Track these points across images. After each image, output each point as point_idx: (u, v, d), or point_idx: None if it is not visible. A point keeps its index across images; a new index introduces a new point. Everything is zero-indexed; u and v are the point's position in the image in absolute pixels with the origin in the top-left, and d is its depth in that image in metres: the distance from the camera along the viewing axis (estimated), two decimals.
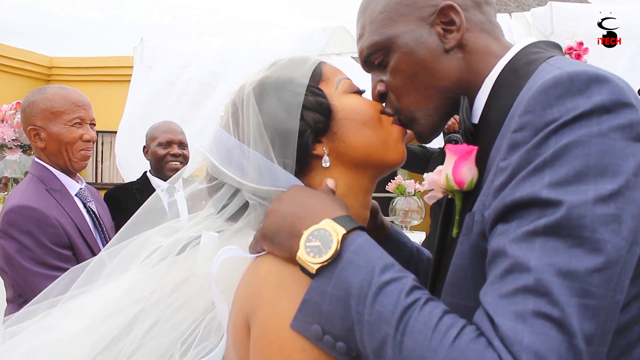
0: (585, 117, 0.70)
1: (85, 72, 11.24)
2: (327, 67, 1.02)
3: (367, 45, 0.99)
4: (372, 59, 1.00)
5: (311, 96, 0.95)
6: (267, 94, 0.95)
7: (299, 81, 0.96)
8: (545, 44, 0.94)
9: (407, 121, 0.99)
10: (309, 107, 0.94)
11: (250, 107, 0.94)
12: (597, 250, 0.66)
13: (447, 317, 0.70)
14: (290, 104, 0.94)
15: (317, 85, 0.97)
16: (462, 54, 0.95)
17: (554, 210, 0.67)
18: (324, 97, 0.96)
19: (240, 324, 0.87)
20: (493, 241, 0.73)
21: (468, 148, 0.87)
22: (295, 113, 0.93)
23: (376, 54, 0.99)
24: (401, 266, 0.79)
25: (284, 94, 0.94)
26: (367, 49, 1.00)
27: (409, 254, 1.22)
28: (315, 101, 0.95)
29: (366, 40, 1.00)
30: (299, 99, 0.94)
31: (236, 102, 0.98)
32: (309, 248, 0.80)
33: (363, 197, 1.00)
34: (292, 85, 0.95)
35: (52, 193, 1.99)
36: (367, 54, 1.00)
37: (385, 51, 0.97)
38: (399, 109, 0.99)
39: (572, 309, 0.63)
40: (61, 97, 2.03)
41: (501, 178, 0.75)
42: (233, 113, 0.98)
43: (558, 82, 0.73)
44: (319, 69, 0.99)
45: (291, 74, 0.97)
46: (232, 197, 0.99)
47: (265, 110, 0.94)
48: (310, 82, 0.96)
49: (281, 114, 0.93)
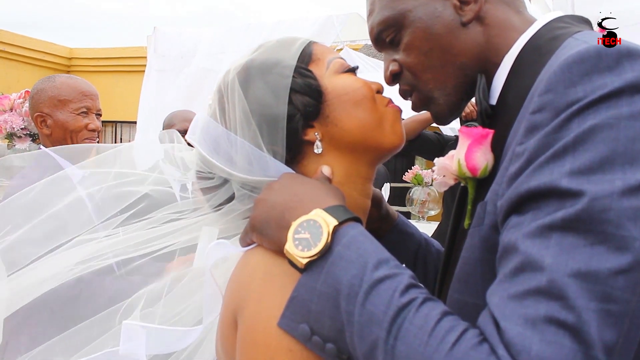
0: (614, 96, 0.62)
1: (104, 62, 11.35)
2: (318, 47, 0.96)
3: (378, 21, 0.93)
4: (384, 36, 0.94)
5: (299, 78, 0.89)
6: (252, 78, 0.90)
7: (286, 63, 0.90)
8: (572, 18, 0.86)
9: (424, 101, 0.94)
10: (297, 90, 0.89)
11: (235, 93, 0.90)
12: (623, 248, 0.58)
13: (446, 320, 0.64)
14: (277, 87, 0.88)
15: (306, 67, 0.91)
16: (480, 28, 0.88)
17: (574, 202, 0.60)
18: (314, 79, 0.91)
19: (228, 320, 0.83)
20: (505, 235, 0.67)
21: (483, 131, 0.80)
22: (283, 97, 0.88)
23: (388, 31, 0.92)
24: (398, 262, 0.73)
25: (270, 77, 0.89)
26: (378, 26, 0.93)
27: (416, 246, 1.16)
28: (304, 83, 0.89)
29: (377, 16, 0.93)
30: (286, 82, 0.89)
31: (221, 89, 0.94)
32: (298, 240, 0.74)
33: (362, 185, 0.94)
34: (279, 67, 0.90)
35: None
36: (378, 31, 0.94)
37: (397, 27, 0.91)
38: (416, 85, 0.93)
39: (590, 314, 0.56)
40: (69, 86, 2.08)
41: (517, 164, 0.69)
42: (219, 100, 0.94)
43: (584, 57, 0.65)
44: (309, 49, 0.94)
45: (278, 55, 0.92)
46: (221, 187, 0.95)
47: (251, 95, 0.89)
48: (299, 63, 0.91)
49: (268, 99, 0.88)
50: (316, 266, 0.73)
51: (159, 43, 4.34)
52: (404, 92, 0.96)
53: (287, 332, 0.74)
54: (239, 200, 0.93)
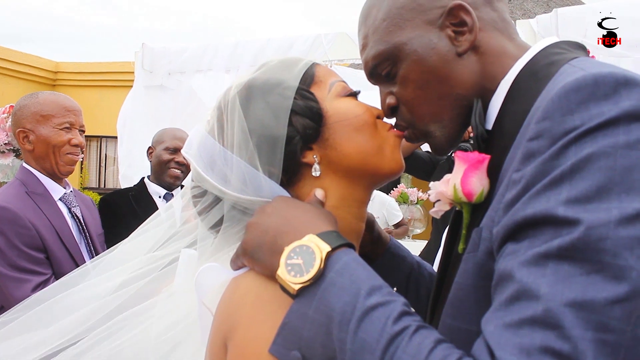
0: (612, 125, 0.62)
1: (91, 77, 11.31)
2: (321, 69, 0.96)
3: (373, 55, 0.92)
4: (379, 70, 0.92)
5: (301, 100, 0.89)
6: (253, 98, 0.89)
7: (289, 84, 0.90)
8: (569, 44, 0.86)
9: (421, 135, 0.93)
10: (298, 112, 0.88)
11: (236, 112, 0.89)
12: (620, 278, 0.58)
13: (440, 349, 0.63)
14: (278, 108, 0.88)
15: (308, 89, 0.91)
16: (476, 57, 0.88)
17: (571, 231, 0.60)
18: (315, 101, 0.90)
19: (218, 345, 0.82)
20: (501, 262, 0.66)
21: (479, 157, 0.80)
22: (283, 118, 0.87)
23: (383, 65, 0.91)
24: (391, 289, 0.72)
25: (272, 98, 0.89)
26: (373, 60, 0.92)
27: (409, 269, 1.15)
28: (305, 105, 0.89)
29: (371, 50, 0.92)
30: (287, 103, 0.88)
31: (221, 106, 0.93)
32: (290, 266, 0.74)
33: (357, 209, 0.94)
34: (280, 88, 0.89)
35: (32, 196, 2.01)
36: (373, 65, 0.93)
37: (392, 61, 0.90)
38: (412, 122, 0.92)
39: (586, 344, 0.56)
40: (52, 102, 2.08)
41: (513, 191, 0.68)
42: (218, 117, 0.93)
43: (581, 85, 0.65)
44: (311, 71, 0.94)
45: (281, 76, 0.91)
46: (213, 205, 0.93)
47: (251, 114, 0.88)
48: (301, 84, 0.90)
49: (268, 119, 0.88)
50: (308, 292, 0.72)
51: (147, 59, 4.32)
52: (400, 127, 0.95)
53: (279, 358, 0.73)
54: (228, 220, 0.92)
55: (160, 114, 4.22)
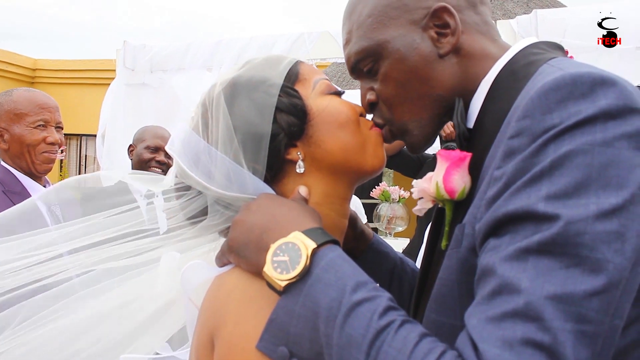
0: (589, 123, 0.64)
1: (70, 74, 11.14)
2: (305, 67, 0.96)
3: (355, 51, 0.93)
4: (361, 66, 0.94)
5: (285, 97, 0.90)
6: (238, 95, 0.90)
7: (273, 81, 0.91)
8: (547, 44, 0.88)
9: (399, 132, 0.94)
10: (282, 109, 0.89)
11: (220, 109, 0.90)
12: (597, 271, 0.60)
13: (425, 342, 0.64)
14: (263, 105, 0.89)
15: (292, 86, 0.92)
16: (457, 59, 0.89)
17: (550, 226, 0.62)
18: (299, 99, 0.91)
19: (205, 341, 0.82)
20: (483, 257, 0.68)
21: (461, 154, 0.82)
22: (268, 115, 0.88)
23: (365, 61, 0.92)
24: (376, 284, 0.73)
25: (256, 95, 0.89)
26: (355, 55, 0.93)
27: (392, 265, 1.16)
28: (290, 103, 0.90)
29: (354, 46, 0.93)
30: (272, 101, 0.89)
31: (206, 103, 0.93)
32: (276, 263, 0.74)
33: (340, 205, 0.95)
34: (265, 85, 0.90)
35: (9, 195, 1.99)
36: (355, 61, 0.94)
37: (374, 57, 0.91)
38: (390, 119, 0.93)
39: (566, 335, 0.58)
40: (26, 99, 2.05)
41: (495, 188, 0.70)
42: (202, 114, 0.93)
43: (559, 85, 0.67)
44: (296, 69, 0.94)
45: (265, 73, 0.92)
46: (196, 199, 0.94)
47: (236, 111, 0.89)
48: (285, 82, 0.91)
49: (252, 116, 0.88)
50: (295, 289, 0.73)
51: (129, 57, 4.29)
52: (377, 125, 0.96)
53: (266, 354, 0.74)
54: (212, 215, 0.93)
55: (142, 112, 4.19)
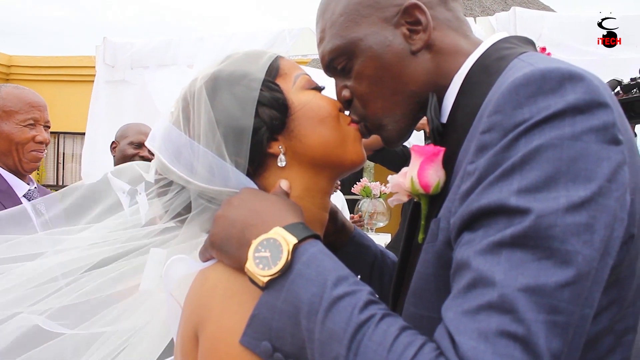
0: (558, 117, 0.66)
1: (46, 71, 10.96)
2: (285, 62, 0.97)
3: (329, 50, 0.94)
4: (335, 64, 0.95)
5: (267, 91, 0.91)
6: (219, 89, 0.91)
7: (255, 76, 0.91)
8: (518, 39, 0.90)
9: (373, 128, 0.95)
10: (264, 103, 0.90)
11: (202, 103, 0.90)
12: (567, 262, 0.62)
13: (404, 335, 0.66)
14: (245, 99, 0.89)
15: (273, 81, 0.93)
16: (429, 55, 0.90)
17: (522, 219, 0.63)
18: (281, 93, 0.92)
19: (189, 335, 0.83)
20: (458, 251, 0.69)
21: (435, 149, 0.83)
22: (250, 109, 0.89)
23: (339, 59, 0.94)
24: (357, 278, 0.74)
25: (238, 89, 0.90)
26: (329, 54, 0.95)
27: (372, 258, 1.18)
28: (272, 97, 0.91)
29: (327, 44, 0.95)
30: (254, 95, 0.90)
31: (187, 97, 0.93)
32: (258, 259, 0.75)
33: (321, 199, 0.96)
34: (246, 79, 0.91)
35: None
36: (329, 59, 0.95)
37: (348, 56, 0.92)
38: (365, 115, 0.94)
39: (539, 326, 0.60)
40: (15, 97, 2.02)
41: (468, 183, 0.71)
42: (184, 108, 0.94)
43: (530, 80, 0.69)
44: (276, 64, 0.95)
45: (246, 68, 0.93)
46: (178, 195, 0.94)
47: (218, 105, 0.90)
48: (267, 77, 0.92)
49: (234, 110, 0.89)
50: (277, 284, 0.74)
51: (109, 53, 4.24)
52: (354, 121, 0.97)
53: (249, 349, 0.75)
54: (196, 210, 0.93)
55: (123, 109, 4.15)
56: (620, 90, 2.15)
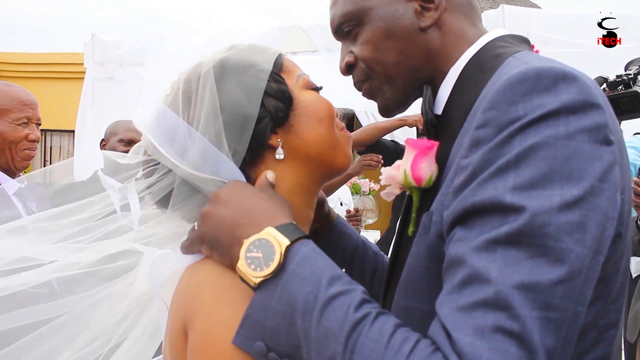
0: (552, 116, 0.67)
1: (33, 68, 10.85)
2: (287, 60, 0.98)
3: (340, 14, 0.96)
4: (344, 27, 0.97)
5: (274, 83, 0.91)
6: (226, 75, 0.90)
7: (263, 67, 0.92)
8: (514, 37, 0.92)
9: (375, 91, 0.97)
10: (270, 94, 0.90)
11: (208, 87, 0.89)
12: (561, 260, 0.63)
13: (400, 332, 0.66)
14: (252, 88, 0.90)
15: (279, 74, 0.94)
16: (437, 34, 0.92)
17: (517, 217, 0.64)
18: (286, 86, 0.93)
19: (178, 331, 0.82)
20: (451, 247, 0.70)
21: (428, 143, 0.85)
22: (256, 98, 0.89)
23: (348, 24, 0.96)
24: (350, 278, 0.75)
25: (245, 78, 0.90)
26: (339, 18, 0.97)
27: (354, 246, 1.19)
28: (278, 89, 0.91)
29: (339, 8, 0.97)
30: (262, 85, 0.90)
31: (190, 80, 0.93)
32: (250, 259, 0.75)
33: (309, 197, 0.97)
34: (254, 69, 0.91)
35: None
36: (339, 23, 0.97)
37: (357, 22, 0.94)
38: (370, 75, 0.96)
39: (533, 322, 0.61)
40: (8, 95, 2.01)
41: (461, 177, 0.72)
42: (185, 91, 0.92)
43: (524, 78, 0.70)
44: (280, 60, 0.96)
45: (253, 58, 0.93)
46: (164, 177, 0.93)
47: (223, 91, 0.89)
48: (273, 69, 0.93)
49: (241, 98, 0.89)
50: (270, 284, 0.74)
51: (97, 50, 4.22)
52: (358, 83, 0.99)
53: (243, 349, 0.74)
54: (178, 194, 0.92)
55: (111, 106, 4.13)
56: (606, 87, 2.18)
